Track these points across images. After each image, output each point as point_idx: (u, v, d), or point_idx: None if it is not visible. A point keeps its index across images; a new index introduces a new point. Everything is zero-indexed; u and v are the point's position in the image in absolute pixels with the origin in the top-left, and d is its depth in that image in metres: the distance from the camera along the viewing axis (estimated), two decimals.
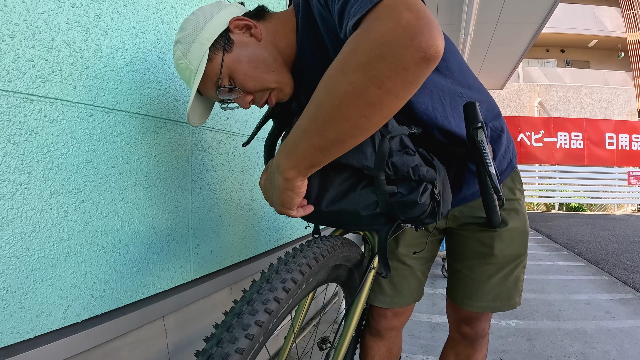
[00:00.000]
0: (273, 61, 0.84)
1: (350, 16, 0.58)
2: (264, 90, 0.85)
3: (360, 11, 0.55)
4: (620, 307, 2.96)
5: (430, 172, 0.75)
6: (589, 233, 6.80)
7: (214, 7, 0.84)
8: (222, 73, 0.80)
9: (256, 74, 0.82)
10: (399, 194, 0.75)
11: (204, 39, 0.79)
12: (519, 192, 1.07)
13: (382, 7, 0.53)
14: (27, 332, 0.79)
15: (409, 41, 0.51)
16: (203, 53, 0.79)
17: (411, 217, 0.77)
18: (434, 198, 0.77)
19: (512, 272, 1.05)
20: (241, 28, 0.82)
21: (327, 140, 0.62)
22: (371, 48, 0.52)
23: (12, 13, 0.74)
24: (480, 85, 0.99)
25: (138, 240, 1.04)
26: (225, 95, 0.83)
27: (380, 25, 0.52)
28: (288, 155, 0.68)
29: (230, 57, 0.80)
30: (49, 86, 0.82)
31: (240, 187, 1.53)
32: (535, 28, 5.74)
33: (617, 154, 10.91)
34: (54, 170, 0.83)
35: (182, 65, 0.82)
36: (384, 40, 0.52)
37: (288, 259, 0.67)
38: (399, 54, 0.51)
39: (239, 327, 0.52)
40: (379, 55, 0.52)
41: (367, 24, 0.54)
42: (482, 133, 0.80)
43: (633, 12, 15.40)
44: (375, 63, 0.53)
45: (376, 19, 0.53)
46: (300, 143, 0.65)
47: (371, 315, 1.17)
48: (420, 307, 2.84)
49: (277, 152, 0.72)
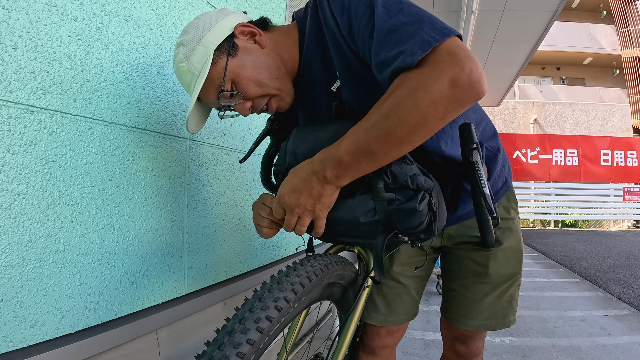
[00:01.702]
0: (276, 69, 0.85)
1: (405, 52, 0.66)
2: (264, 96, 0.86)
3: (419, 52, 0.64)
4: (616, 323, 2.95)
5: (428, 182, 0.76)
6: (585, 249, 6.81)
7: (218, 13, 0.85)
8: (225, 77, 0.80)
9: (260, 80, 0.83)
10: (397, 201, 0.75)
11: (209, 42, 0.80)
12: (514, 212, 1.08)
13: (444, 53, 0.64)
14: (21, 341, 0.78)
15: (471, 87, 0.63)
16: (207, 56, 0.79)
17: (409, 228, 0.78)
18: (431, 208, 0.77)
19: (506, 291, 1.05)
20: (246, 34, 0.84)
21: (386, 158, 0.70)
22: (442, 89, 0.62)
23: (15, 24, 0.75)
24: (477, 104, 1.00)
25: (133, 253, 1.04)
26: (226, 100, 0.83)
27: (447, 68, 0.63)
28: (345, 169, 0.71)
29: (235, 62, 0.81)
30: (50, 98, 0.82)
31: (236, 202, 1.54)
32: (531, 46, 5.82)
33: (613, 170, 10.98)
34: (52, 182, 0.83)
35: (184, 69, 0.82)
36: (453, 84, 0.62)
37: (281, 277, 0.67)
38: (462, 96, 0.63)
39: (231, 346, 0.53)
40: (449, 96, 0.63)
41: (434, 66, 0.64)
42: (477, 154, 0.81)
43: (628, 29, 15.63)
44: (445, 102, 0.63)
45: (442, 62, 0.63)
46: (360, 159, 0.70)
47: (365, 333, 1.16)
48: (415, 324, 2.82)
49: (319, 163, 0.73)
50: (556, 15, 4.78)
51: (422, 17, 0.68)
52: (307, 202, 0.74)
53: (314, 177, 0.73)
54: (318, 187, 0.73)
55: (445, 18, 4.85)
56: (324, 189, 0.73)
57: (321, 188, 0.73)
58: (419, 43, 0.64)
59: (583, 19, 16.80)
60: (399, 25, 0.68)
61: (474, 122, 0.84)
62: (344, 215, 0.79)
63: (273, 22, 0.92)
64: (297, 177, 0.75)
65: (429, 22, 0.67)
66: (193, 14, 1.26)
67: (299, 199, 0.75)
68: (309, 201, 0.74)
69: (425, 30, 0.65)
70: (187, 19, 1.24)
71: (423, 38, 0.64)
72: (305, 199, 0.74)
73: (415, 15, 0.68)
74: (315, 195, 0.74)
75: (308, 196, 0.74)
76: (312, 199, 0.74)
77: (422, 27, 0.66)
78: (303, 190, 0.74)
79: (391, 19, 0.69)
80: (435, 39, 0.64)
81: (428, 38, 0.64)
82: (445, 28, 0.66)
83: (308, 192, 0.74)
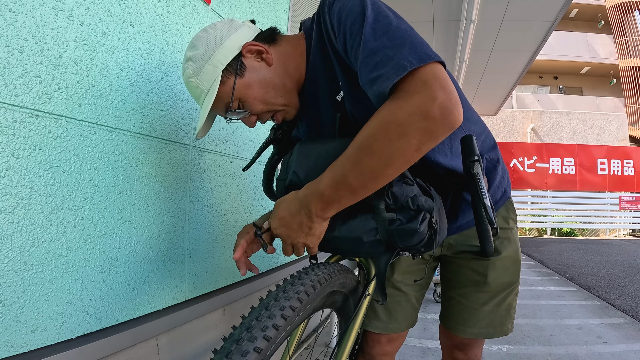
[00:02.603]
0: (282, 86, 0.87)
1: (382, 77, 0.66)
2: (269, 111, 0.88)
3: (394, 77, 0.64)
4: (612, 332, 2.96)
5: (429, 202, 0.77)
6: (581, 258, 6.82)
7: (227, 27, 0.85)
8: (233, 97, 0.82)
9: (265, 99, 0.85)
10: (398, 221, 0.76)
11: (217, 61, 0.81)
12: (512, 222, 1.09)
13: (418, 81, 0.63)
14: (22, 346, 0.78)
15: (443, 119, 0.63)
16: (216, 76, 0.81)
17: (409, 246, 0.79)
18: (432, 227, 0.78)
19: (504, 300, 1.06)
20: (253, 53, 0.85)
21: (365, 191, 0.71)
22: (413, 121, 0.63)
23: (22, 28, 0.75)
24: (477, 117, 1.01)
25: (135, 259, 1.04)
26: (233, 115, 0.86)
27: (419, 100, 0.63)
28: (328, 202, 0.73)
29: (242, 82, 0.83)
30: (55, 103, 0.83)
31: (237, 209, 1.54)
32: (529, 56, 5.85)
33: (609, 179, 11.02)
34: (56, 187, 0.84)
35: (193, 84, 0.84)
36: (425, 116, 0.62)
37: (287, 286, 0.68)
38: (434, 128, 0.63)
39: (238, 354, 0.53)
40: (421, 128, 0.63)
41: (406, 97, 0.64)
42: (479, 166, 0.82)
43: (625, 39, 15.77)
44: (417, 135, 0.64)
45: (415, 92, 0.63)
46: (340, 192, 0.72)
47: (365, 340, 1.16)
48: (412, 331, 2.81)
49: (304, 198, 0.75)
50: (555, 25, 4.82)
51: (404, 41, 0.68)
52: (297, 235, 0.78)
53: (301, 211, 0.76)
54: (306, 221, 0.76)
55: (444, 27, 4.89)
56: (312, 221, 0.76)
57: (309, 221, 0.76)
58: (395, 67, 0.65)
59: (581, 29, 16.94)
60: (381, 48, 0.68)
61: (475, 134, 0.85)
62: (347, 234, 0.80)
63: (281, 32, 0.93)
64: (286, 211, 0.78)
65: (410, 45, 0.67)
66: (198, 21, 1.27)
67: (289, 232, 0.78)
68: (300, 234, 0.77)
69: (404, 54, 0.65)
70: (192, 25, 1.25)
71: (400, 62, 0.65)
72: (295, 232, 0.78)
73: (399, 38, 0.68)
74: (304, 229, 0.77)
75: (298, 229, 0.77)
76: (302, 232, 0.77)
77: (402, 50, 0.66)
78: (292, 224, 0.77)
79: (375, 41, 0.69)
80: (411, 64, 0.64)
81: (404, 63, 0.64)
82: (424, 53, 0.65)
83: (297, 226, 0.77)
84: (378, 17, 0.72)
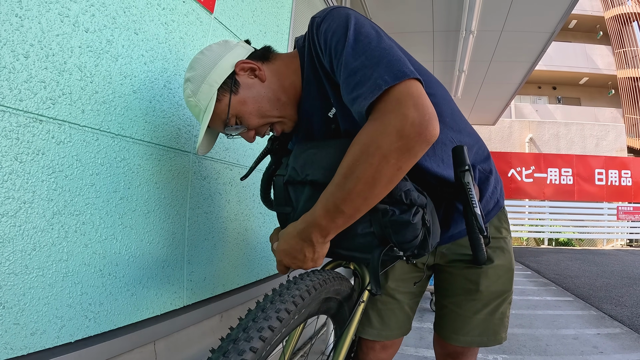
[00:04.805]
0: (276, 100, 0.90)
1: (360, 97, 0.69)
2: (266, 124, 0.92)
3: (370, 96, 0.66)
4: (608, 342, 2.96)
5: (421, 198, 0.79)
6: (578, 268, 6.82)
7: (221, 48, 0.89)
8: (229, 113, 0.86)
9: (260, 113, 0.89)
10: (391, 212, 0.78)
11: (213, 80, 0.85)
12: (505, 231, 1.11)
13: (393, 100, 0.65)
14: (21, 349, 0.79)
15: (418, 136, 0.65)
16: (212, 94, 0.85)
17: (404, 241, 0.80)
18: (425, 223, 0.80)
19: (498, 308, 1.07)
20: (246, 70, 0.89)
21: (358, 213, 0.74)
22: (391, 142, 0.65)
23: (27, 33, 0.77)
24: (470, 128, 1.03)
25: (134, 265, 1.05)
26: (232, 131, 0.90)
27: (393, 120, 0.65)
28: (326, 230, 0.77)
29: (237, 99, 0.87)
30: (59, 108, 0.84)
31: (236, 216, 1.55)
32: (528, 66, 5.87)
33: (607, 189, 11.03)
34: (58, 191, 0.84)
35: (192, 103, 0.88)
36: (400, 136, 0.65)
37: (282, 290, 0.70)
38: (411, 145, 0.66)
39: (235, 353, 0.55)
40: (398, 148, 0.66)
41: (382, 117, 0.66)
42: (469, 175, 0.83)
43: (624, 50, 15.86)
44: (396, 154, 0.66)
45: (388, 112, 0.65)
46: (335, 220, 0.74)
47: (360, 347, 1.17)
48: (408, 340, 2.82)
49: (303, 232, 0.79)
50: (554, 36, 4.85)
51: (381, 59, 0.69)
52: (304, 262, 0.82)
53: (304, 244, 0.79)
54: (309, 249, 0.80)
55: (444, 37, 4.92)
56: (315, 247, 0.80)
57: (312, 249, 0.80)
58: (371, 87, 0.67)
59: (580, 40, 17.04)
60: (360, 68, 0.70)
61: (467, 146, 0.87)
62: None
63: (275, 50, 0.96)
64: (288, 244, 0.82)
65: (387, 63, 0.69)
66: (201, 30, 1.29)
67: (295, 261, 0.82)
68: (306, 261, 0.81)
69: (380, 72, 0.68)
70: (195, 34, 1.27)
71: (376, 82, 0.67)
72: (301, 260, 0.82)
73: (376, 57, 0.70)
74: (309, 255, 0.80)
75: (303, 257, 0.81)
76: (307, 259, 0.81)
77: (378, 69, 0.68)
78: (297, 254, 0.81)
79: (355, 61, 0.72)
80: (386, 82, 0.66)
81: (380, 82, 0.67)
82: (400, 71, 0.67)
83: (302, 255, 0.81)
84: (359, 37, 0.74)
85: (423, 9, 4.27)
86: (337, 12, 0.80)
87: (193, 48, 1.26)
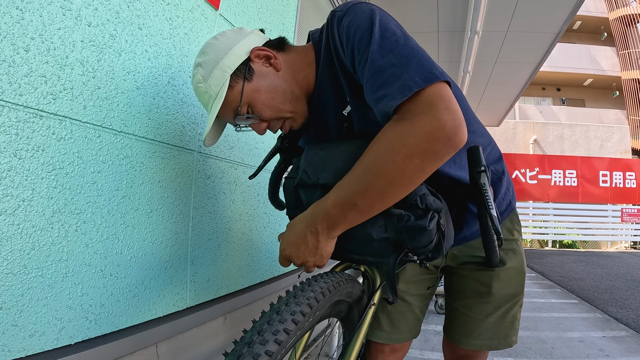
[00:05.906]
0: (290, 92, 0.87)
1: (387, 96, 0.66)
2: (279, 118, 0.88)
3: (400, 97, 0.64)
4: (614, 345, 2.93)
5: (437, 202, 0.77)
6: (583, 270, 6.79)
7: (236, 34, 0.86)
8: (242, 101, 0.82)
9: (274, 104, 0.85)
10: (406, 217, 0.76)
11: (226, 66, 0.81)
12: (517, 233, 1.09)
13: (424, 102, 0.63)
14: (19, 351, 0.77)
15: (448, 140, 0.63)
16: (224, 80, 0.81)
17: (419, 247, 0.78)
18: (440, 229, 0.78)
19: (509, 311, 1.06)
20: (261, 58, 0.85)
21: (372, 211, 0.72)
22: (418, 143, 0.63)
23: (28, 26, 0.75)
24: (483, 128, 1.01)
25: (137, 265, 1.03)
26: (242, 121, 0.86)
27: (424, 122, 0.63)
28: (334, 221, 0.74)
29: (250, 87, 0.83)
30: (60, 103, 0.82)
31: (240, 216, 1.53)
32: (533, 67, 5.86)
33: (611, 191, 11.00)
34: (58, 189, 0.83)
35: (202, 89, 0.84)
36: (429, 138, 0.63)
37: (297, 292, 0.68)
38: (438, 148, 0.64)
39: (250, 356, 0.53)
40: (425, 150, 0.64)
41: (411, 118, 0.64)
42: (485, 176, 0.82)
43: (628, 51, 15.84)
44: (421, 156, 0.64)
45: (420, 113, 0.63)
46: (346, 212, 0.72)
47: (368, 350, 1.16)
48: (413, 343, 2.76)
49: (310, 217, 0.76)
50: (558, 37, 4.84)
51: (411, 59, 0.67)
52: (305, 254, 0.78)
53: (307, 231, 0.76)
54: (313, 240, 0.76)
55: (449, 38, 4.91)
56: (319, 241, 0.76)
57: (315, 241, 0.76)
58: (400, 87, 0.65)
59: (584, 41, 17.03)
60: (387, 67, 0.68)
61: (481, 146, 0.85)
62: (357, 232, 0.79)
63: (290, 42, 0.93)
64: (293, 231, 0.79)
65: (417, 64, 0.66)
66: (206, 26, 1.27)
67: (297, 252, 0.78)
68: (307, 253, 0.77)
69: (410, 73, 0.65)
70: (200, 30, 1.25)
71: (406, 82, 0.65)
72: (303, 252, 0.78)
73: (405, 56, 0.68)
74: (311, 248, 0.77)
75: (305, 249, 0.77)
76: (309, 252, 0.77)
77: (408, 69, 0.66)
78: (300, 244, 0.77)
79: (382, 58, 0.69)
80: (417, 84, 0.64)
81: (410, 83, 0.64)
82: (431, 73, 0.65)
83: (305, 245, 0.77)
84: (385, 33, 0.71)
85: (428, 9, 4.26)
86: (360, 7, 0.77)
87: (198, 44, 1.24)
